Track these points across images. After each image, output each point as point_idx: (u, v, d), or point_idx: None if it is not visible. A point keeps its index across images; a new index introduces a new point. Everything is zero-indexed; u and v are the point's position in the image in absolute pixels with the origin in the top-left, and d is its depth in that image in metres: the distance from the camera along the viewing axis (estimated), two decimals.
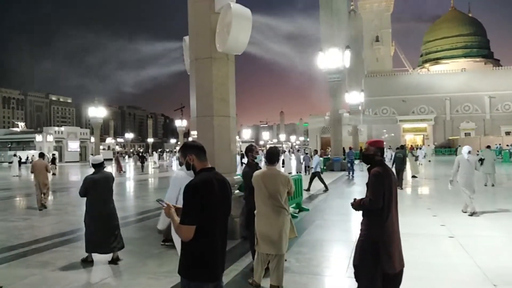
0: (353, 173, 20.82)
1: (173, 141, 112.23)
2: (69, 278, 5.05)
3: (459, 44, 74.47)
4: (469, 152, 9.27)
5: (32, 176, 11.71)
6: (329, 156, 28.80)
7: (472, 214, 8.81)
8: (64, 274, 5.23)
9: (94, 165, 5.87)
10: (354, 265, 3.60)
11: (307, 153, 28.02)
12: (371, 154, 3.73)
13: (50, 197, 12.55)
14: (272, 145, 5.10)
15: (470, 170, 9.10)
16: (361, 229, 3.63)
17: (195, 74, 6.54)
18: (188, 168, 2.61)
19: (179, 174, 4.73)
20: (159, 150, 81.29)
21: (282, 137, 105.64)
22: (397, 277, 3.54)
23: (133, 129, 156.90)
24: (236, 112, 7.24)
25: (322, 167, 18.59)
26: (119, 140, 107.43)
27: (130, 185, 19.59)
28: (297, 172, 23.41)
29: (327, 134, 53.12)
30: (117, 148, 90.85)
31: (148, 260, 5.83)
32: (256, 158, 5.48)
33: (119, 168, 28.63)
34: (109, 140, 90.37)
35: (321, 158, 17.83)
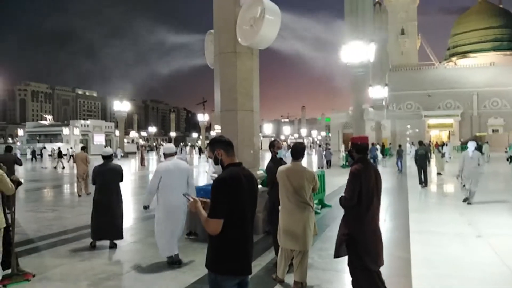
0: None
1: (195, 135, 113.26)
2: (96, 268, 5.18)
3: (488, 37, 72.00)
4: (475, 148, 10.17)
5: (74, 166, 13.60)
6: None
7: (465, 200, 9.97)
8: (91, 264, 5.38)
9: (103, 157, 6.41)
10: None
11: (329, 149, 28.21)
12: (349, 151, 3.82)
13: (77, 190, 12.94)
14: (297, 141, 5.15)
15: (473, 165, 9.85)
16: (340, 225, 3.72)
17: (219, 68, 6.55)
18: (216, 163, 2.62)
19: (161, 165, 5.46)
20: (182, 143, 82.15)
21: (303, 132, 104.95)
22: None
23: (156, 123, 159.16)
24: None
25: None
26: (143, 133, 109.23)
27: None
28: (319, 168, 23.37)
29: (349, 129, 52.56)
30: (141, 141, 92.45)
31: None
32: (277, 153, 5.46)
33: (142, 161, 29.14)
34: (133, 134, 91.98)
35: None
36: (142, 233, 7.35)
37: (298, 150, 4.44)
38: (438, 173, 18.51)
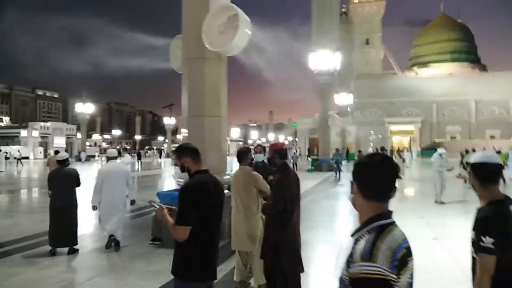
0: (340, 174, 21.01)
1: (161, 138, 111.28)
2: (56, 277, 5.01)
3: (447, 49, 75.41)
4: (440, 154, 11.63)
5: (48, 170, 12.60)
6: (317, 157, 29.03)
7: (438, 202, 11.04)
8: (50, 273, 5.20)
9: (58, 161, 6.39)
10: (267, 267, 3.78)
11: (295, 152, 29.05)
12: (270, 158, 3.96)
13: (35, 195, 12.45)
14: (241, 145, 5.29)
15: (434, 170, 11.59)
16: (264, 231, 3.87)
17: (187, 74, 6.54)
18: (182, 170, 2.64)
19: (103, 167, 6.42)
20: (146, 147, 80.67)
21: (271, 137, 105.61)
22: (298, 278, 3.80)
23: (121, 126, 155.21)
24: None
25: None
26: (106, 136, 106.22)
27: None
28: None
29: (315, 135, 53.42)
30: (104, 144, 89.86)
31: (136, 259, 5.82)
32: (252, 159, 5.51)
33: None
34: (96, 137, 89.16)
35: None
36: (105, 239, 7.17)
37: (240, 154, 4.54)
38: (399, 177, 19.17)
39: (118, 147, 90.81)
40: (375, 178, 1.38)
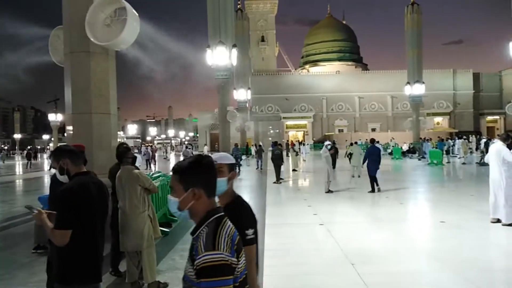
0: (239, 169, 21.59)
1: (46, 137, 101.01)
2: None
3: (334, 49, 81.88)
4: (325, 146, 12.76)
5: None
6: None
7: (327, 192, 11.75)
8: None
9: None
10: None
11: (189, 148, 30.16)
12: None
13: None
14: (121, 143, 5.15)
15: (324, 162, 12.24)
16: None
17: (70, 68, 6.08)
18: (61, 173, 2.53)
19: None
20: (28, 147, 72.64)
21: (171, 133, 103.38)
22: None
23: None
24: (120, 107, 6.94)
25: None
26: None
27: None
28: None
29: (216, 130, 53.84)
30: None
31: (16, 270, 5.32)
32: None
33: None
34: None
35: None
36: None
37: (119, 154, 4.51)
38: (294, 170, 20.42)
39: None
40: (210, 176, 1.54)
